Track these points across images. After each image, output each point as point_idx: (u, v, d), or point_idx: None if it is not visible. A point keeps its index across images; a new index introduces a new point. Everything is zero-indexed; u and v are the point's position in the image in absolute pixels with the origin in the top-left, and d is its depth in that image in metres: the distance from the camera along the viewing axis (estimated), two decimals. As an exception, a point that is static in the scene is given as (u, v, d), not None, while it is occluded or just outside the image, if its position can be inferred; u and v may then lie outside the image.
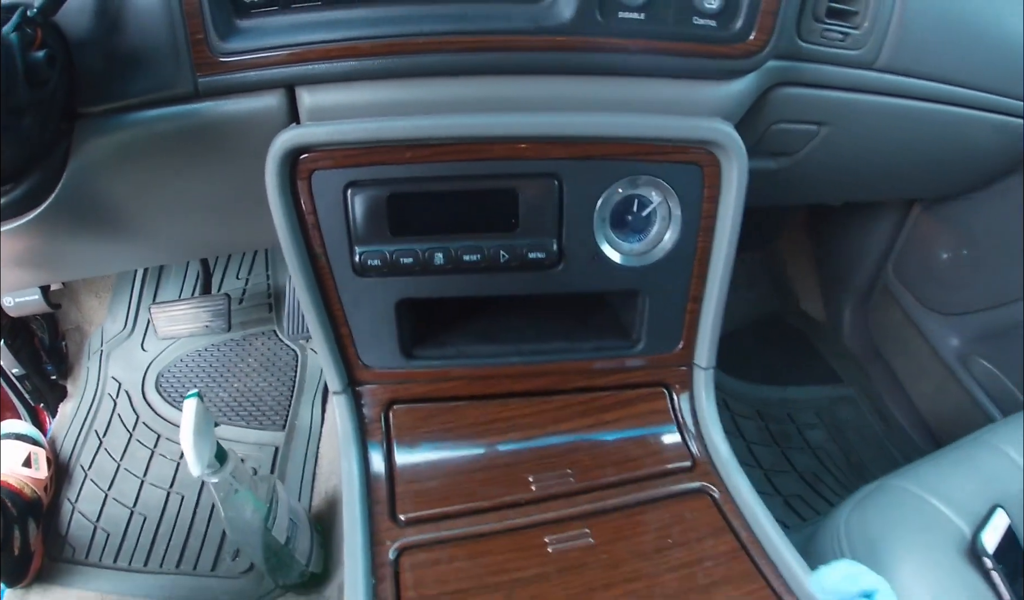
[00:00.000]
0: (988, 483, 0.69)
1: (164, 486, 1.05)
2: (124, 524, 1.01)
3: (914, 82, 0.71)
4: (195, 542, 0.99)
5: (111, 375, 1.16)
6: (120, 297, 1.20)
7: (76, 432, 1.11)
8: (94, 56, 0.51)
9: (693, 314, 0.63)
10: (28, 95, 0.46)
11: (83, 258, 0.72)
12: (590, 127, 0.53)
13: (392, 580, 0.51)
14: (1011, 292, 1.01)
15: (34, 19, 0.46)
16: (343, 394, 0.61)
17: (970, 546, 0.63)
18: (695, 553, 0.54)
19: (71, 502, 1.03)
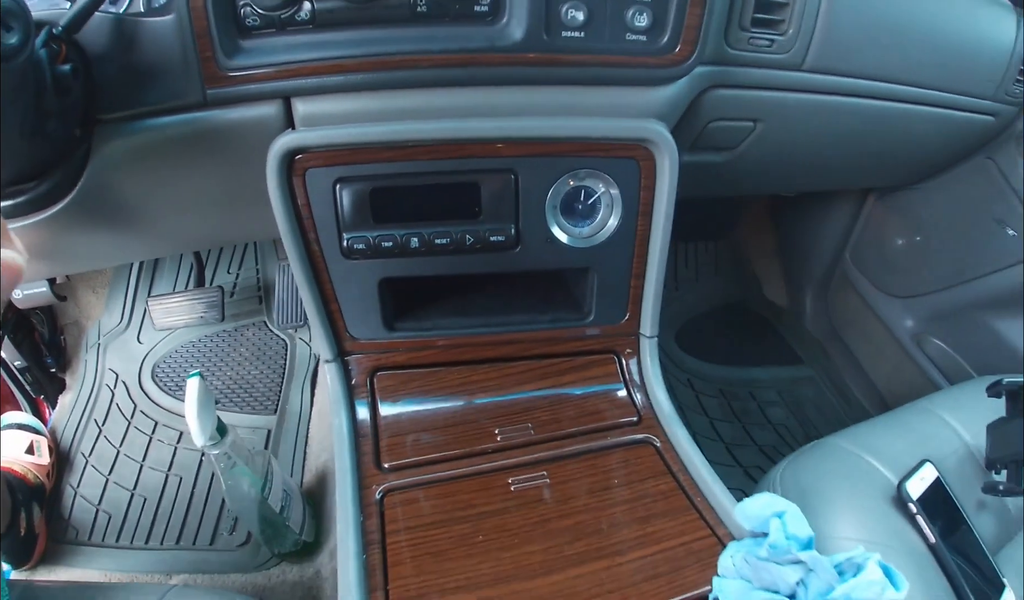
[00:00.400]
0: (921, 442, 0.79)
1: (163, 469, 1.16)
2: (125, 505, 1.12)
3: (841, 80, 0.82)
4: (193, 519, 1.10)
5: (108, 367, 1.27)
6: (116, 292, 1.32)
7: (76, 421, 1.21)
8: (111, 69, 0.61)
9: (636, 289, 0.75)
10: (55, 103, 0.55)
11: (96, 250, 0.83)
12: (539, 129, 0.65)
13: (378, 516, 0.63)
14: (959, 274, 1.14)
15: (59, 36, 0.55)
16: (333, 362, 0.74)
17: (895, 493, 0.72)
18: (637, 491, 0.66)
19: (73, 487, 1.14)
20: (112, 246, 0.84)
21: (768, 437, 1.23)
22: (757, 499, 0.62)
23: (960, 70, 0.91)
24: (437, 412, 0.73)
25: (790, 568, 0.55)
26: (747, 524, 0.62)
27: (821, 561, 0.54)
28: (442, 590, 0.56)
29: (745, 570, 0.58)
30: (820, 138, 0.92)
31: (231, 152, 0.67)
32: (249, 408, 1.25)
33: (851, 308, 1.32)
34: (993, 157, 1.06)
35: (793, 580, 0.55)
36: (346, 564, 0.56)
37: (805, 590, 0.55)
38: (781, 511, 0.58)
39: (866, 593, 0.53)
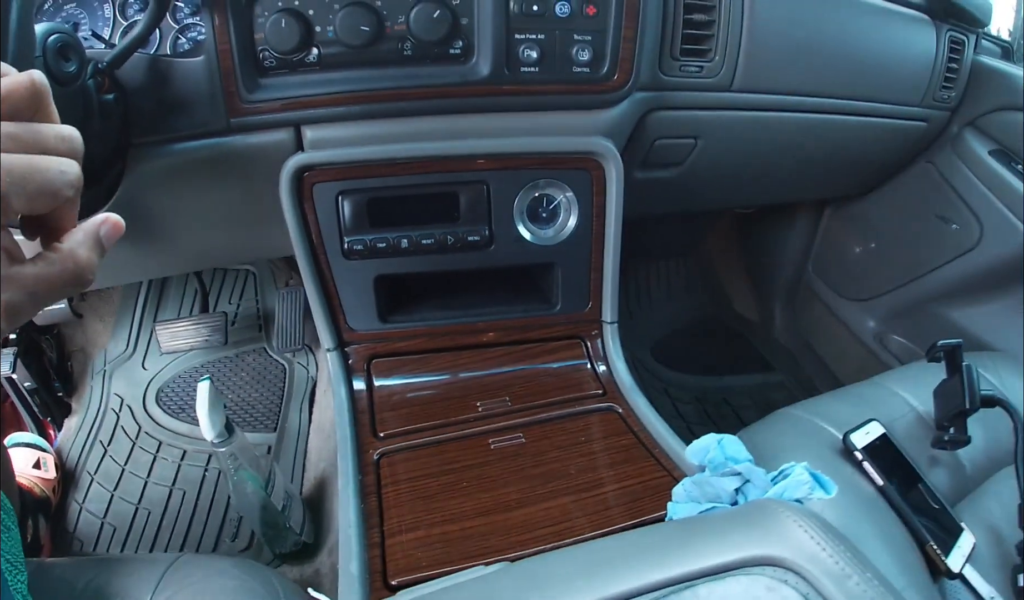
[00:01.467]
0: (870, 408, 0.88)
1: (167, 484, 1.31)
2: (130, 518, 1.26)
3: (769, 97, 1.02)
4: (197, 528, 1.25)
5: (114, 392, 1.44)
6: (123, 321, 1.50)
7: (82, 443, 1.37)
8: (147, 100, 0.75)
9: (596, 281, 0.95)
10: (99, 126, 0.68)
11: (123, 264, 1.02)
12: (505, 146, 0.86)
13: (375, 474, 0.79)
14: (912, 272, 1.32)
15: (104, 70, 0.69)
16: (334, 351, 0.92)
17: (842, 445, 0.81)
18: (602, 445, 0.83)
19: (78, 503, 1.28)
20: (140, 259, 1.01)
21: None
22: (702, 438, 0.78)
23: (883, 82, 1.11)
24: (425, 390, 0.91)
25: (728, 479, 0.70)
26: (695, 459, 0.78)
27: (756, 471, 0.70)
28: (430, 523, 0.73)
29: (694, 491, 0.73)
30: (759, 150, 1.12)
31: (250, 171, 0.85)
32: (250, 427, 1.41)
33: (816, 316, 1.51)
34: (932, 160, 1.26)
35: (732, 488, 0.70)
36: (346, 508, 0.72)
37: (744, 497, 0.70)
38: (720, 438, 0.75)
39: (796, 492, 0.67)
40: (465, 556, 0.68)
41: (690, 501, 0.73)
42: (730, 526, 0.51)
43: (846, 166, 1.27)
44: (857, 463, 0.82)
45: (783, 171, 1.22)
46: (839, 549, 0.45)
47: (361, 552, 0.68)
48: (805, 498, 0.66)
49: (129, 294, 1.51)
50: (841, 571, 0.43)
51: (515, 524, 0.72)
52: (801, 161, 1.20)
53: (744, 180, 1.21)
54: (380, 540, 0.71)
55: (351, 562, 0.66)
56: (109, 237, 0.39)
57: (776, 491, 0.68)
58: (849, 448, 0.82)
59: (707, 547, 0.47)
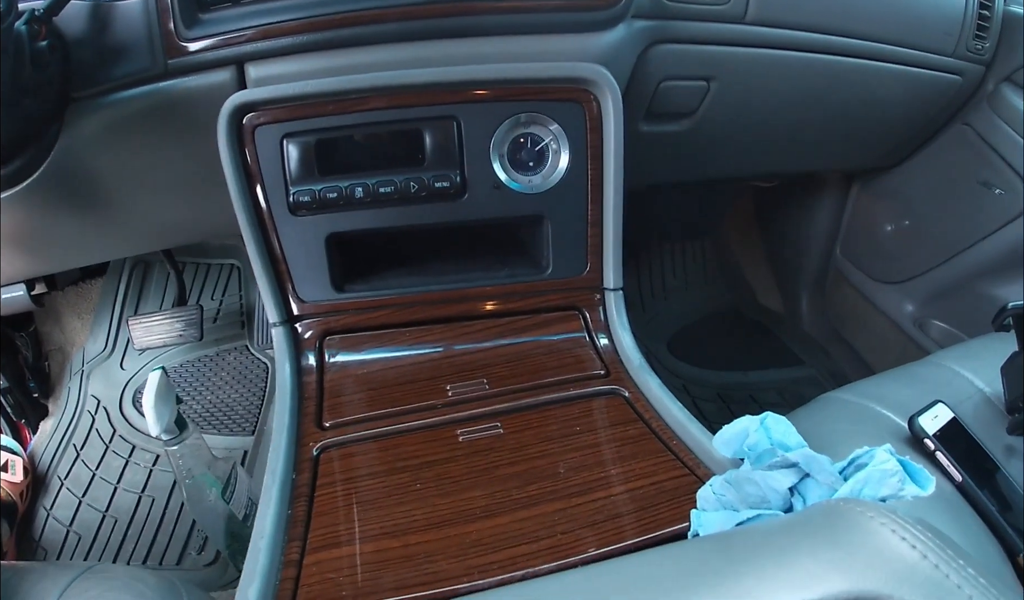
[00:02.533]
0: (931, 391, 0.69)
1: (136, 490, 1.13)
2: (96, 526, 1.09)
3: (788, 33, 0.83)
4: (163, 539, 1.07)
5: (91, 393, 1.27)
6: (101, 319, 1.33)
7: (55, 447, 1.20)
8: (86, 49, 0.66)
9: (595, 237, 0.73)
10: (32, 76, 0.60)
11: (68, 241, 0.86)
12: (476, 73, 0.67)
13: (311, 471, 0.59)
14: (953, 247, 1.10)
15: (40, 17, 0.60)
16: (281, 325, 0.72)
17: (908, 432, 0.63)
18: (603, 437, 0.61)
19: (46, 509, 1.12)
20: (85, 235, 0.86)
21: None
22: (733, 424, 0.54)
23: (912, 22, 0.91)
24: (386, 372, 0.70)
25: (780, 473, 0.47)
26: (725, 450, 0.55)
27: (818, 459, 0.45)
28: (366, 536, 0.52)
29: (727, 494, 0.50)
30: (780, 99, 0.92)
31: (191, 122, 0.70)
32: (227, 430, 1.23)
33: (848, 303, 1.27)
34: (968, 122, 1.04)
35: (785, 486, 0.46)
36: (264, 515, 0.52)
37: (802, 499, 0.46)
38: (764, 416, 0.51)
39: (880, 488, 0.41)
40: (400, 585, 0.46)
41: (723, 508, 0.50)
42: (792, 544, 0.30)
43: (875, 125, 1.06)
44: (928, 453, 0.63)
45: (806, 130, 1.01)
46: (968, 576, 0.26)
47: (268, 574, 0.47)
48: (893, 497, 0.42)
49: (108, 290, 1.34)
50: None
51: (476, 541, 0.51)
52: (826, 117, 0.99)
53: (764, 140, 0.99)
54: (299, 556, 0.49)
55: (251, 586, 0.46)
56: None
57: (851, 488, 0.43)
58: (918, 435, 0.63)
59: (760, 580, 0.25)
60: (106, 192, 0.78)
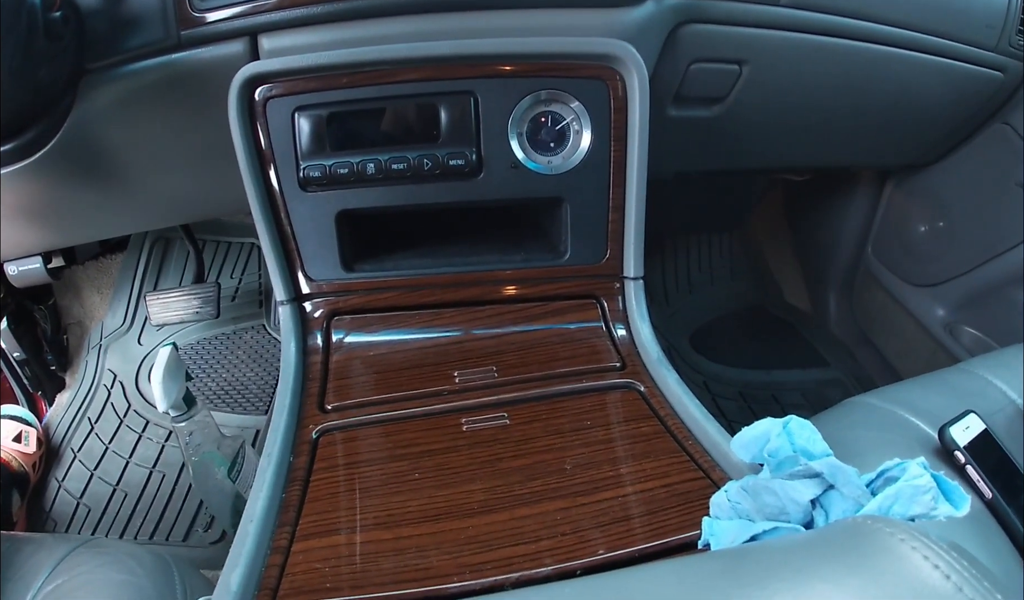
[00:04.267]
0: (962, 399, 0.66)
1: (147, 465, 1.13)
2: (106, 500, 1.08)
3: (825, 17, 0.77)
4: (171, 515, 1.05)
5: (108, 367, 1.26)
6: (120, 293, 1.32)
7: (70, 419, 1.20)
8: (100, 20, 0.64)
9: (616, 224, 0.69)
10: (46, 47, 0.58)
11: (81, 214, 0.84)
12: (495, 46, 0.63)
13: (308, 455, 0.56)
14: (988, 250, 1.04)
15: None
16: (288, 304, 0.69)
17: (938, 443, 0.60)
18: (614, 433, 0.57)
19: (58, 481, 1.12)
20: (99, 209, 0.84)
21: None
22: (753, 426, 0.49)
23: (954, 12, 0.85)
24: (392, 356, 0.66)
25: (801, 483, 0.42)
26: (744, 454, 0.50)
27: (844, 470, 0.41)
28: (358, 526, 0.49)
29: (743, 503, 0.45)
30: (815, 88, 0.86)
31: (203, 94, 0.68)
32: (241, 409, 1.21)
33: (878, 305, 1.21)
34: (1008, 121, 0.98)
35: (807, 498, 0.42)
36: (255, 499, 0.49)
37: (824, 514, 0.42)
38: (786, 421, 0.47)
39: (911, 506, 0.37)
40: (388, 580, 0.43)
41: (738, 517, 0.45)
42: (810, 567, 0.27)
43: (911, 119, 0.99)
44: (958, 467, 0.58)
45: (841, 120, 0.95)
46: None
47: (253, 559, 0.44)
48: (925, 516, 0.37)
49: (128, 266, 1.33)
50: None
51: (472, 537, 0.47)
52: (861, 108, 0.93)
53: (797, 130, 0.94)
54: (287, 543, 0.46)
55: (234, 570, 0.43)
56: None
57: (879, 504, 0.38)
58: (948, 446, 0.59)
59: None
60: (119, 165, 0.76)
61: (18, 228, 0.83)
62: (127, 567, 0.58)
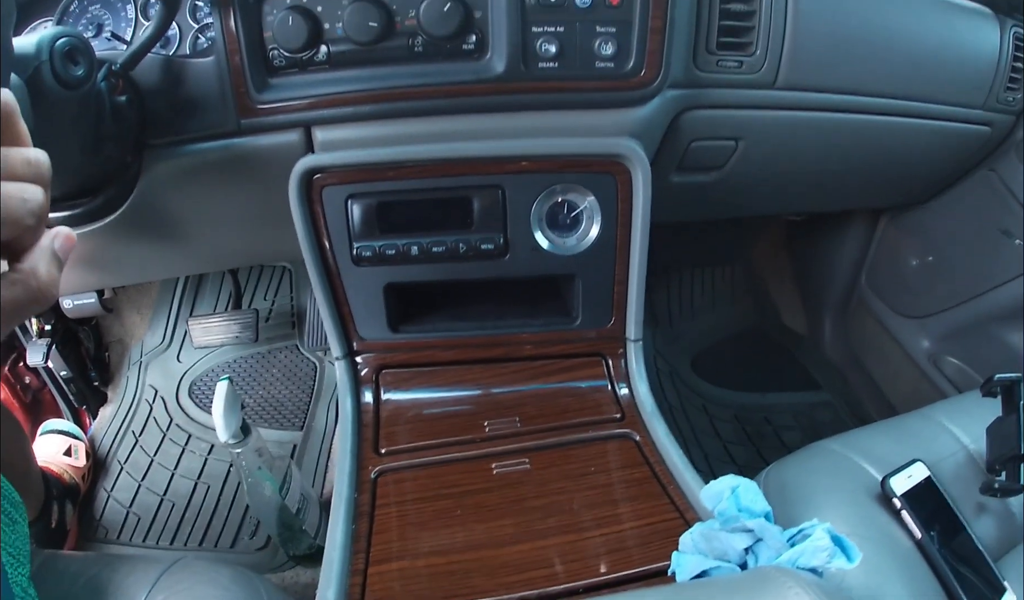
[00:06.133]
0: (916, 445, 0.79)
1: (192, 477, 1.30)
2: (154, 509, 1.25)
3: (817, 96, 0.91)
4: (217, 523, 1.23)
5: (149, 383, 1.44)
6: (160, 314, 1.49)
7: (115, 432, 1.37)
8: (160, 101, 0.74)
9: (620, 295, 0.86)
10: (112, 128, 0.68)
11: (142, 263, 0.99)
12: (522, 148, 0.78)
13: (370, 492, 0.73)
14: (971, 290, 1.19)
15: (117, 72, 0.68)
16: (343, 359, 0.86)
17: (880, 490, 0.73)
18: (612, 478, 0.75)
19: (107, 491, 1.28)
20: (156, 259, 0.99)
21: (783, 460, 1.28)
22: (720, 480, 0.69)
23: (943, 80, 0.98)
24: (432, 405, 0.84)
25: (738, 536, 0.62)
26: (709, 504, 0.69)
27: (770, 529, 0.61)
28: (417, 553, 0.66)
29: (701, 543, 0.65)
30: (807, 154, 1.00)
31: (259, 174, 0.81)
32: (277, 424, 1.39)
33: (869, 332, 1.37)
34: (994, 168, 1.11)
35: (741, 547, 0.61)
36: (334, 529, 0.67)
37: (755, 558, 0.61)
38: (735, 485, 0.66)
39: (812, 559, 0.57)
40: (444, 595, 0.61)
41: (697, 554, 0.64)
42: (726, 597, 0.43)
43: (901, 174, 1.13)
44: (895, 512, 0.73)
45: (833, 178, 1.09)
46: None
47: (341, 579, 0.62)
48: (823, 567, 0.56)
49: (166, 288, 1.50)
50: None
51: (505, 562, 0.65)
52: (853, 167, 1.07)
53: (791, 186, 1.09)
54: (364, 566, 0.65)
55: (329, 589, 0.61)
56: (64, 250, 0.39)
57: (791, 556, 0.58)
58: (887, 494, 0.73)
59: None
60: (179, 226, 0.89)
61: (78, 273, 0.97)
62: (222, 584, 0.69)
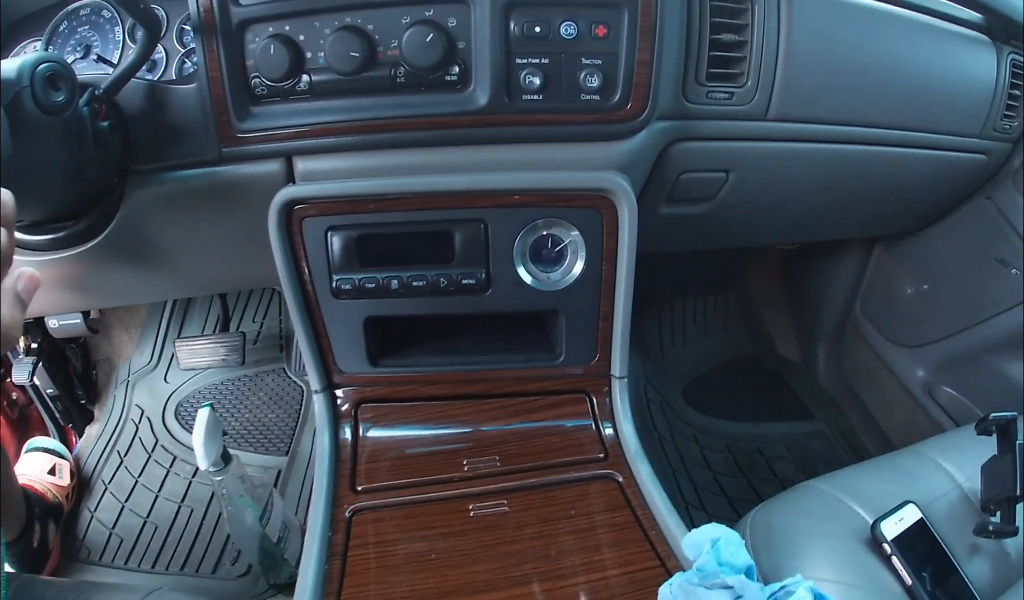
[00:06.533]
0: (908, 485, 0.77)
1: (176, 500, 1.27)
2: (137, 531, 1.23)
3: (810, 127, 0.88)
4: (200, 548, 1.20)
5: (135, 403, 1.41)
6: (148, 333, 1.47)
7: (100, 451, 1.35)
8: (144, 127, 0.72)
9: (605, 331, 0.83)
10: (94, 153, 0.67)
11: (124, 287, 0.96)
12: (505, 182, 0.75)
13: (344, 532, 0.71)
14: (967, 319, 1.16)
15: (100, 97, 0.67)
16: (322, 393, 0.84)
17: (870, 534, 0.71)
18: (592, 522, 0.72)
19: (90, 511, 1.26)
20: (138, 283, 0.97)
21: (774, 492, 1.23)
22: (702, 529, 0.65)
23: (938, 110, 0.95)
24: (412, 442, 0.81)
25: (717, 593, 0.58)
26: (690, 554, 0.65)
27: (750, 586, 0.57)
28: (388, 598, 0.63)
29: (680, 597, 0.62)
30: (799, 186, 0.98)
31: (240, 203, 0.79)
32: (263, 449, 1.36)
33: (863, 361, 1.35)
34: (991, 196, 1.09)
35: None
36: (306, 571, 0.64)
37: None
38: (716, 537, 0.63)
39: None
40: None
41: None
42: None
43: (896, 203, 1.11)
44: (885, 557, 0.71)
45: (826, 208, 1.07)
46: None
47: None
48: None
49: (155, 308, 1.48)
50: None
51: None
52: (846, 198, 1.05)
53: (783, 217, 1.06)
54: None
55: None
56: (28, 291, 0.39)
57: None
58: (878, 539, 0.71)
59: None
60: (161, 251, 0.88)
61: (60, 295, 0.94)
62: None
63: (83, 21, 0.80)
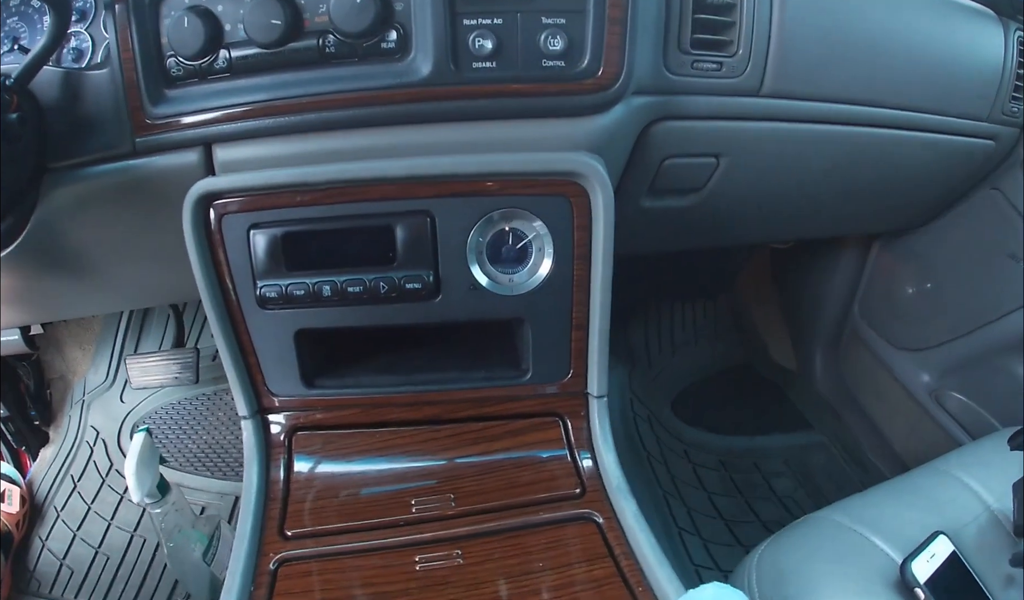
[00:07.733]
0: (933, 511, 0.66)
1: (129, 529, 1.12)
2: (88, 563, 1.09)
3: (809, 105, 0.74)
4: (151, 583, 1.05)
5: (91, 424, 1.25)
6: (103, 350, 1.31)
7: (53, 476, 1.20)
8: (59, 119, 0.62)
9: (579, 342, 0.67)
10: (3, 149, 0.56)
11: (50, 299, 0.83)
12: (453, 166, 0.60)
13: (267, 588, 0.55)
14: (976, 319, 1.02)
15: (10, 87, 0.57)
16: (251, 419, 0.67)
17: (898, 576, 0.59)
18: (565, 578, 0.56)
19: (42, 540, 1.12)
20: (66, 295, 0.84)
21: (774, 511, 1.08)
22: (701, 591, 0.51)
23: (945, 88, 0.82)
24: (351, 478, 0.65)
25: None
26: None
27: None
28: None
29: None
30: (797, 174, 0.83)
31: (157, 201, 0.66)
32: (220, 474, 1.20)
33: (863, 366, 1.19)
34: (998, 186, 0.95)
35: None
36: None
37: None
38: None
39: None
40: None
41: None
42: None
43: (900, 193, 0.96)
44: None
45: (826, 200, 0.92)
46: None
47: None
48: None
49: (110, 322, 1.32)
50: None
51: None
52: (847, 187, 0.90)
53: (778, 211, 0.91)
54: None
55: None
56: None
57: None
58: (909, 583, 0.58)
59: None
60: (85, 258, 0.75)
61: None
62: None
63: (12, 12, 0.68)
